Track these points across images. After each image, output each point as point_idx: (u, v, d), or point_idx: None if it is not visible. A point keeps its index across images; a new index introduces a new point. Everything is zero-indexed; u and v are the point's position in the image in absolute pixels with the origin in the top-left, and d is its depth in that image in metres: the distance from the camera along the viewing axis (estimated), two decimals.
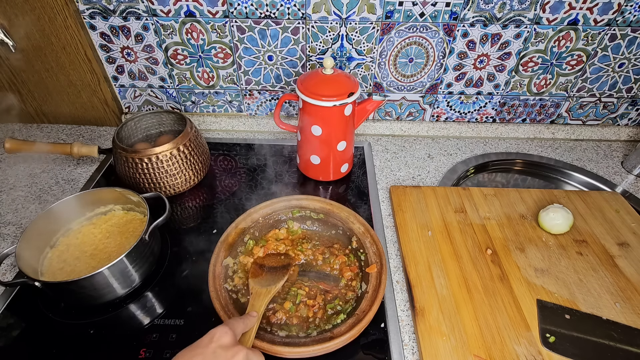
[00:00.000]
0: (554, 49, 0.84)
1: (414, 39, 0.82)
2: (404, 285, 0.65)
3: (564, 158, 0.94)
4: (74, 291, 0.55)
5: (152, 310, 0.60)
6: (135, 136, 0.83)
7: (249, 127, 1.00)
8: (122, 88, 0.95)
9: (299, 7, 0.78)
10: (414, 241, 0.69)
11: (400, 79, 0.90)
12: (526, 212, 0.75)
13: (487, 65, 0.87)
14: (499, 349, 0.54)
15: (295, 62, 0.87)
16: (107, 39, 0.85)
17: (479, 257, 0.66)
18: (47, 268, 0.60)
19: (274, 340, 0.51)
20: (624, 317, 0.58)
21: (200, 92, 0.95)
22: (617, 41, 0.83)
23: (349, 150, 0.81)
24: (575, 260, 0.66)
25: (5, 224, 0.73)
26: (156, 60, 0.88)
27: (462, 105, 0.96)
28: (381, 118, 0.99)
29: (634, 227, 0.72)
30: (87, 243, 0.64)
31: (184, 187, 0.79)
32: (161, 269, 0.66)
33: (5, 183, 0.83)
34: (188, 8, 0.79)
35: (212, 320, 0.57)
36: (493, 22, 0.80)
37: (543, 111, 0.97)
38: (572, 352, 0.54)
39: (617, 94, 0.93)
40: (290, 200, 0.71)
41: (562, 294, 0.61)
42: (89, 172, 0.86)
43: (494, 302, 0.60)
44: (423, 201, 0.77)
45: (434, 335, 0.55)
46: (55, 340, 0.56)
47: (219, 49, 0.86)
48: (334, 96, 0.69)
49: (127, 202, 0.68)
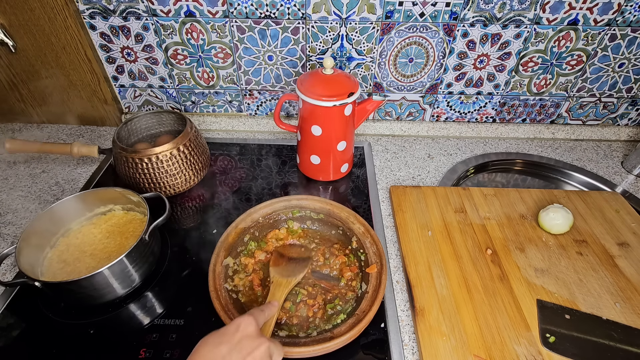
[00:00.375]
0: (554, 49, 0.84)
1: (414, 39, 0.82)
2: (404, 285, 0.65)
3: (564, 158, 0.94)
4: (74, 291, 0.55)
5: (152, 310, 0.60)
6: (135, 136, 0.83)
7: (249, 127, 1.00)
8: (122, 88, 0.95)
9: (299, 7, 0.78)
10: (414, 241, 0.69)
11: (400, 79, 0.90)
12: (526, 212, 0.75)
13: (487, 65, 0.87)
14: (499, 349, 0.54)
15: (295, 62, 0.87)
16: (107, 39, 0.85)
17: (479, 257, 0.66)
18: (47, 268, 0.60)
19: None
20: (624, 317, 0.58)
21: (200, 92, 0.95)
22: (617, 41, 0.83)
23: (349, 150, 0.81)
24: (575, 260, 0.66)
25: (5, 224, 0.73)
26: (156, 60, 0.88)
27: (462, 105, 0.96)
28: (381, 118, 0.99)
29: (634, 227, 0.72)
30: (87, 243, 0.64)
31: (184, 187, 0.79)
32: (161, 269, 0.66)
33: (5, 183, 0.83)
34: (188, 8, 0.79)
35: (212, 320, 0.57)
36: (493, 22, 0.80)
37: (543, 111, 0.97)
38: (572, 352, 0.54)
39: (617, 94, 0.93)
40: (290, 200, 0.71)
41: (562, 294, 0.61)
42: (89, 172, 0.86)
43: (494, 302, 0.60)
44: (423, 201, 0.77)
45: (434, 335, 0.55)
46: (55, 340, 0.56)
47: (219, 49, 0.86)
48: (334, 96, 0.69)
49: (127, 202, 0.68)
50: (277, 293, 0.56)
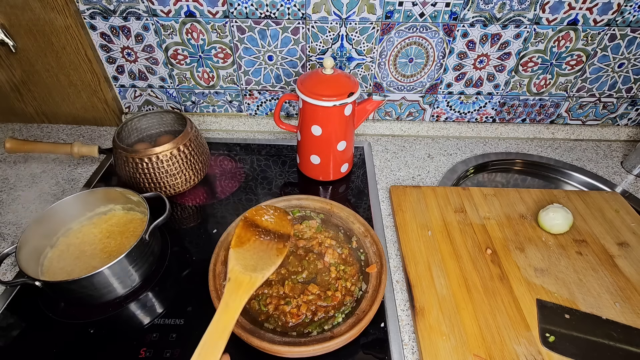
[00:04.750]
0: (553, 49, 0.84)
1: (414, 39, 0.83)
2: (404, 285, 0.65)
3: (563, 158, 0.94)
4: (74, 291, 0.55)
5: (152, 310, 0.60)
6: (135, 136, 0.83)
7: (249, 127, 1.00)
8: (122, 88, 0.95)
9: (299, 7, 0.78)
10: (414, 241, 0.69)
11: (400, 79, 0.90)
12: (526, 212, 0.75)
13: (486, 66, 0.88)
14: (499, 349, 0.54)
15: (295, 62, 0.87)
16: (108, 39, 0.85)
17: (479, 257, 0.67)
18: (47, 268, 0.60)
19: (274, 340, 0.51)
20: (623, 317, 0.58)
21: (200, 92, 0.95)
22: (617, 41, 0.83)
23: (349, 150, 0.81)
24: (575, 260, 0.67)
25: (5, 224, 0.73)
26: (156, 61, 0.88)
27: (462, 105, 0.96)
28: (381, 118, 0.99)
29: (634, 227, 0.73)
30: (87, 243, 0.64)
31: (184, 187, 0.79)
32: (161, 269, 0.66)
33: (5, 183, 0.83)
34: (188, 8, 0.79)
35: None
36: (493, 22, 0.80)
37: (543, 111, 0.97)
38: (572, 352, 0.54)
39: (617, 94, 0.93)
40: (290, 200, 0.71)
41: (561, 293, 0.61)
42: (89, 172, 0.86)
43: (494, 301, 0.60)
44: (423, 201, 0.77)
45: (433, 335, 0.55)
46: (55, 340, 0.56)
47: (219, 49, 0.86)
48: (334, 96, 0.69)
49: (127, 202, 0.68)
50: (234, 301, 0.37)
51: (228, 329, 0.37)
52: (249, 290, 0.40)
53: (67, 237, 0.65)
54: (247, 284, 0.40)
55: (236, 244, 0.42)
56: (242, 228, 0.43)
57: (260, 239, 0.42)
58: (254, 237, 0.42)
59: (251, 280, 0.40)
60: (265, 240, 0.43)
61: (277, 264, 0.42)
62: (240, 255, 0.41)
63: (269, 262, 0.41)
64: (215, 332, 0.37)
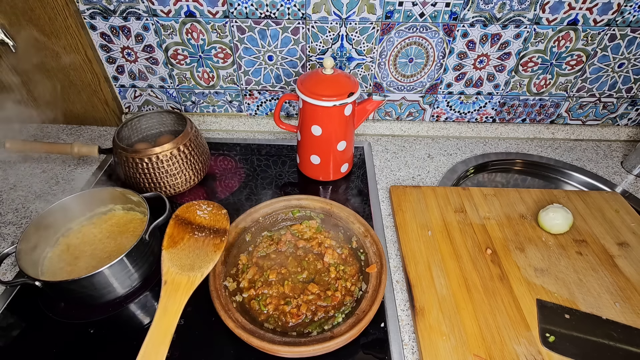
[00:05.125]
0: (553, 49, 0.84)
1: (414, 39, 0.83)
2: (404, 285, 0.65)
3: (563, 158, 0.94)
4: (74, 291, 0.55)
5: (152, 310, 0.60)
6: (135, 136, 0.83)
7: (249, 127, 1.00)
8: (122, 88, 0.95)
9: (299, 7, 0.78)
10: (414, 241, 0.69)
11: (400, 79, 0.90)
12: (526, 212, 0.75)
13: (486, 66, 0.88)
14: (499, 349, 0.54)
15: (295, 62, 0.87)
16: (108, 39, 0.85)
17: (479, 257, 0.67)
18: (47, 268, 0.61)
19: (274, 340, 0.51)
20: (623, 317, 0.58)
21: (200, 92, 0.95)
22: (617, 41, 0.83)
23: (349, 150, 0.81)
24: (575, 260, 0.67)
25: (5, 224, 0.73)
26: (156, 61, 0.88)
27: (462, 105, 0.96)
28: (381, 118, 0.99)
29: (634, 227, 0.73)
30: (87, 243, 0.64)
31: (184, 187, 0.79)
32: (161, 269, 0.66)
33: (5, 183, 0.83)
34: (188, 8, 0.79)
35: (212, 320, 0.57)
36: (493, 22, 0.80)
37: (543, 111, 0.97)
38: (572, 352, 0.54)
39: (617, 94, 0.93)
40: (290, 200, 0.71)
41: (561, 293, 0.61)
42: (89, 172, 0.86)
43: (494, 301, 0.60)
44: (423, 201, 0.77)
45: (433, 335, 0.55)
46: (55, 340, 0.56)
47: (219, 49, 0.86)
48: (334, 96, 0.69)
49: (127, 202, 0.68)
50: (173, 304, 0.35)
51: (169, 333, 0.36)
52: (189, 290, 0.38)
53: (67, 237, 0.65)
54: (186, 285, 0.38)
55: (169, 245, 0.41)
56: (173, 227, 0.42)
57: (194, 236, 0.41)
58: (187, 234, 0.41)
59: (190, 280, 0.39)
60: (200, 237, 0.42)
61: (215, 260, 0.41)
62: (174, 256, 0.40)
63: (206, 259, 0.40)
64: (156, 338, 0.36)
